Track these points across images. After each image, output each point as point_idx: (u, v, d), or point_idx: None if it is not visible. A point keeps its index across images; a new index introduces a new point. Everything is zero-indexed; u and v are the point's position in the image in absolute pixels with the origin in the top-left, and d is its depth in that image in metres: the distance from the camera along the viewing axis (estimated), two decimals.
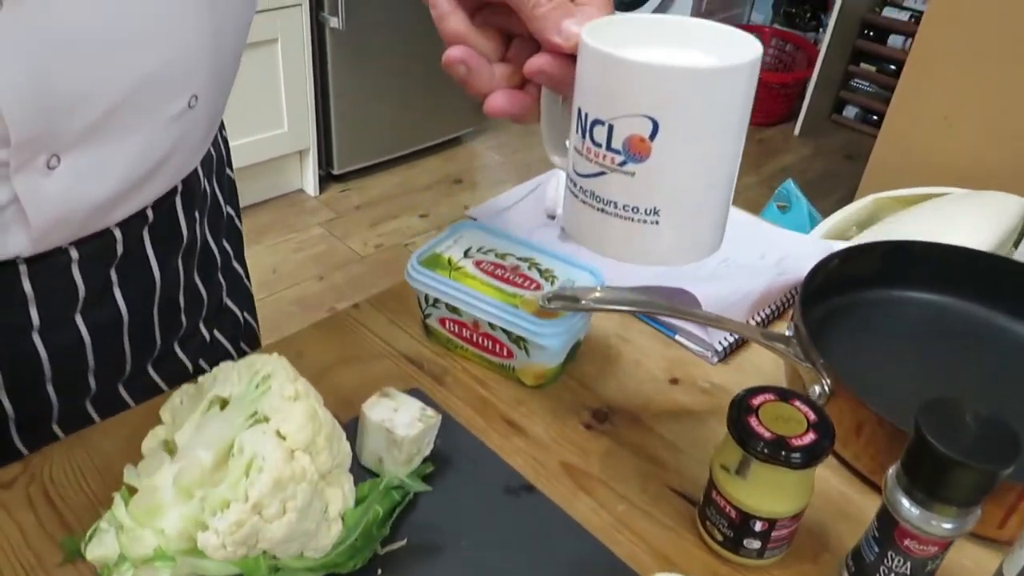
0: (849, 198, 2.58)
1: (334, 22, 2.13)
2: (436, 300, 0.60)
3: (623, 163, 0.39)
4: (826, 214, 1.89)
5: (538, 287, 0.58)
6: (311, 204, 2.38)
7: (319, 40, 2.17)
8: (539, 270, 0.59)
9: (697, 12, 3.13)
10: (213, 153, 0.63)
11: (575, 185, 0.42)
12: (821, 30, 3.13)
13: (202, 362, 0.66)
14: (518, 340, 0.57)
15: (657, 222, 0.40)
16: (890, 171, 1.69)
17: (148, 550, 0.40)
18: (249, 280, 0.76)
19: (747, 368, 0.65)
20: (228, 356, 0.70)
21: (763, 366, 0.65)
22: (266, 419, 0.41)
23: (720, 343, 0.65)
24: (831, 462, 0.57)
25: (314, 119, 2.26)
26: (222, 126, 0.66)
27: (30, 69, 0.38)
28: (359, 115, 2.35)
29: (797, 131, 3.03)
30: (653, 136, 0.37)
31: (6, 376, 0.52)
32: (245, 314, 0.74)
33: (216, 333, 0.69)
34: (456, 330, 0.61)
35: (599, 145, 0.39)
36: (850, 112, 3.09)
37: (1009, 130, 1.51)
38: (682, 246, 0.42)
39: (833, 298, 0.69)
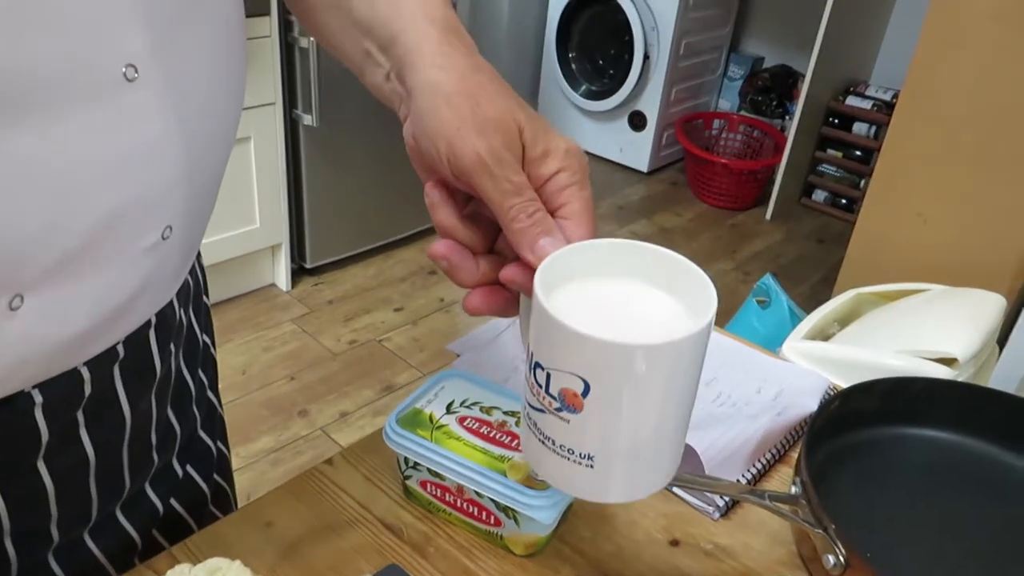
0: (823, 283, 2.60)
1: (308, 119, 2.13)
2: (416, 463, 0.55)
3: (559, 409, 0.39)
4: (803, 300, 1.88)
5: None
6: (283, 299, 2.33)
7: (293, 137, 2.16)
8: None
9: (666, 101, 3.19)
10: (190, 281, 0.59)
11: (525, 409, 0.41)
12: (787, 117, 3.21)
13: (173, 502, 0.61)
14: (506, 509, 0.53)
15: (592, 466, 0.40)
16: (867, 266, 1.69)
17: None
18: (222, 407, 0.71)
19: (752, 523, 0.61)
20: (201, 493, 0.66)
21: (769, 522, 0.61)
22: None
23: (723, 499, 0.61)
24: None
25: (287, 214, 2.23)
26: (198, 254, 0.63)
27: (9, 205, 0.35)
28: (332, 208, 2.33)
29: (768, 215, 3.07)
30: (585, 395, 0.38)
31: None
32: (219, 443, 0.69)
33: (188, 468, 0.64)
34: (439, 494, 0.57)
35: (540, 386, 0.39)
36: (819, 196, 3.15)
37: (981, 227, 1.53)
38: (620, 488, 0.42)
39: (835, 439, 0.65)
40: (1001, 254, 1.49)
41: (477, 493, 0.53)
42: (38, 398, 0.45)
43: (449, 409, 0.57)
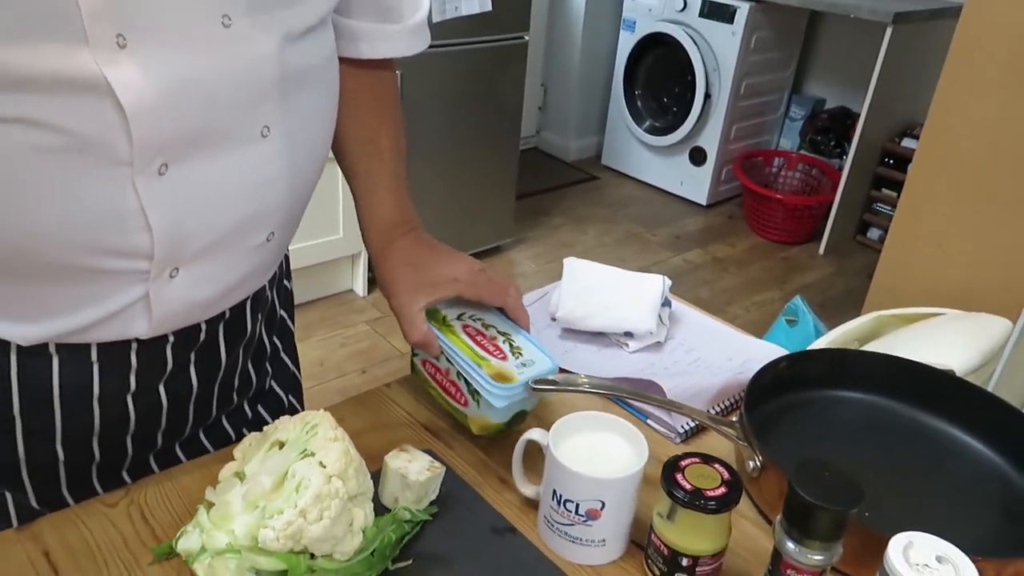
0: None
1: None
2: None
3: (585, 521, 0.62)
4: None
5: (504, 357, 0.72)
6: (359, 303, 2.58)
7: None
8: (511, 345, 0.74)
9: (726, 138, 3.35)
10: (279, 271, 0.81)
11: (551, 526, 0.65)
12: (844, 157, 3.32)
13: (245, 431, 0.80)
14: (474, 392, 0.71)
15: (604, 544, 0.64)
16: (891, 291, 1.82)
17: (221, 545, 0.55)
18: (299, 369, 0.92)
19: (703, 448, 0.78)
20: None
21: (718, 447, 0.78)
22: (312, 454, 0.57)
23: (683, 427, 0.79)
24: (760, 522, 0.69)
25: None
26: (287, 254, 0.85)
27: (175, 213, 0.57)
28: None
29: (821, 250, 3.18)
30: (603, 508, 0.62)
31: (101, 428, 0.68)
32: (290, 397, 0.89)
33: (260, 409, 0.83)
34: (432, 372, 0.76)
35: (570, 512, 0.62)
36: (874, 234, 3.24)
37: (995, 257, 1.64)
38: (613, 552, 0.65)
39: (783, 395, 0.82)
40: (1012, 282, 1.60)
41: (458, 375, 0.72)
42: (171, 338, 0.67)
43: (459, 317, 0.77)
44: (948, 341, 1.52)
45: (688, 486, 0.58)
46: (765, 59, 3.32)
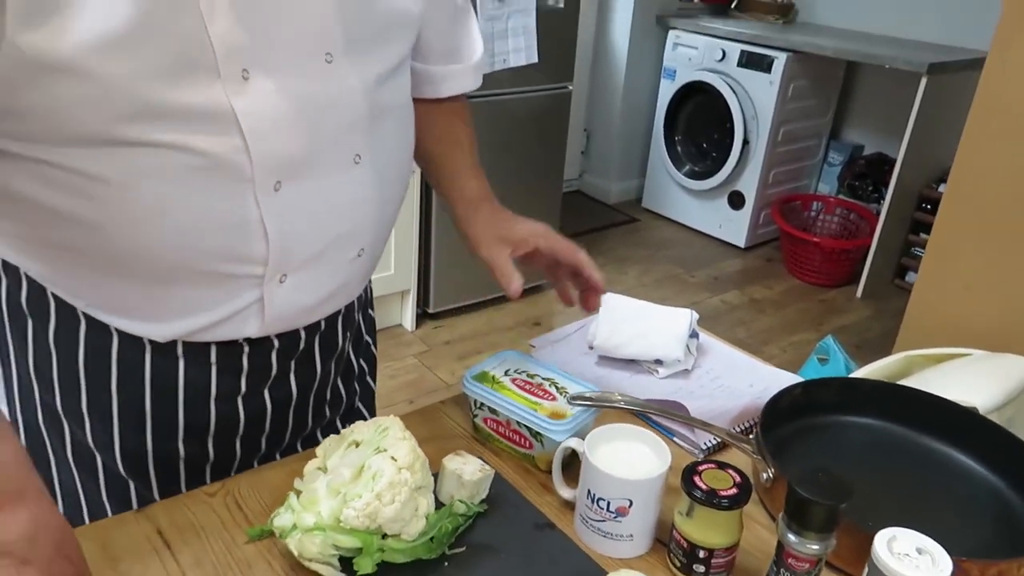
0: None
1: None
2: (482, 404, 0.86)
3: (615, 517, 0.72)
4: None
5: (554, 398, 0.83)
6: (407, 337, 2.71)
7: (426, 201, 2.57)
8: (556, 386, 0.85)
9: (764, 183, 3.44)
10: (365, 296, 0.93)
11: (586, 522, 0.74)
12: (882, 201, 3.37)
13: None
14: (536, 435, 0.82)
15: (632, 539, 0.74)
16: (920, 332, 1.88)
17: (309, 524, 0.66)
18: (374, 393, 1.03)
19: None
20: None
21: (736, 463, 0.87)
22: (385, 450, 0.68)
23: (705, 443, 0.88)
24: (772, 526, 0.78)
25: (416, 265, 2.62)
26: (369, 282, 0.96)
27: (286, 225, 0.68)
28: (454, 263, 2.71)
29: (859, 293, 3.22)
30: (631, 506, 0.71)
31: (216, 428, 0.80)
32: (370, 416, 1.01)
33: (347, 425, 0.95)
34: (494, 427, 0.86)
35: (602, 508, 0.72)
36: (912, 278, 3.27)
37: (1022, 299, 1.70)
38: (640, 547, 0.75)
39: (798, 419, 0.91)
40: None
41: (518, 423, 0.83)
42: (276, 344, 0.79)
43: (506, 373, 0.87)
44: (973, 380, 1.58)
45: (704, 486, 0.67)
46: (803, 106, 3.41)
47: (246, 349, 0.77)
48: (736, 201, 3.52)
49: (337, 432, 0.91)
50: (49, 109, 0.58)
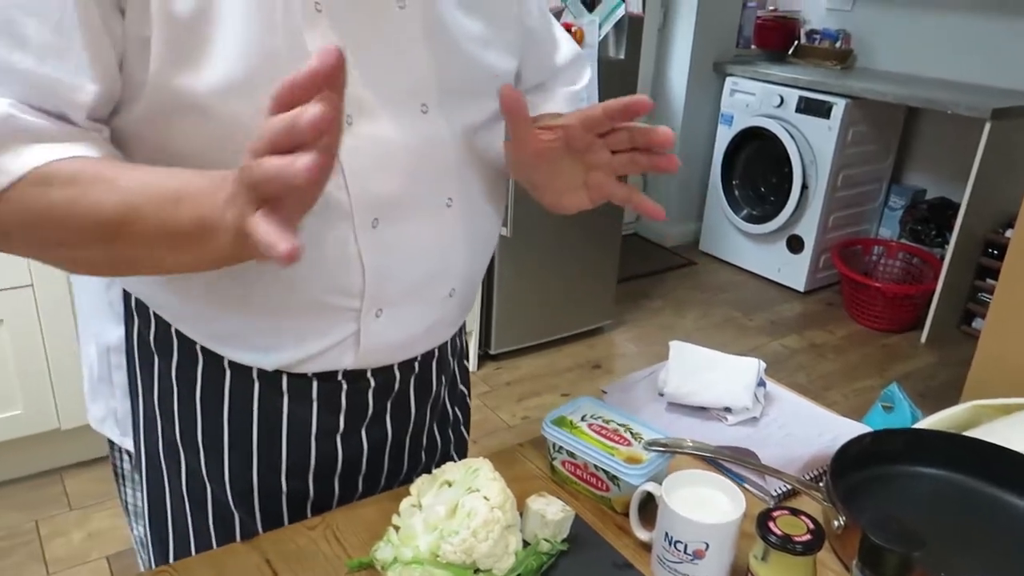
0: None
1: (504, 231, 2.61)
2: (560, 447, 0.91)
3: (692, 559, 0.76)
4: None
5: (629, 444, 0.87)
6: (471, 378, 2.77)
7: None
8: (631, 432, 0.89)
9: (824, 227, 3.44)
10: (459, 344, 0.99)
11: (663, 564, 0.77)
12: (946, 246, 3.34)
13: None
14: (613, 478, 0.86)
15: None
16: (988, 381, 1.86)
17: (408, 558, 0.71)
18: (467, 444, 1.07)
19: None
20: None
21: (806, 511, 0.90)
22: (477, 490, 0.73)
23: (775, 490, 0.91)
24: (843, 573, 0.81)
25: (479, 307, 2.70)
26: (464, 342, 1.02)
27: (382, 260, 0.74)
28: (516, 306, 2.77)
29: (923, 339, 3.18)
30: (707, 549, 0.75)
31: (315, 465, 0.86)
32: None
33: None
34: (572, 470, 0.91)
35: (679, 551, 0.76)
36: (979, 324, 3.21)
37: None
38: None
39: (867, 468, 0.93)
40: None
41: (595, 467, 0.87)
42: (372, 382, 0.85)
43: (583, 419, 0.92)
44: None
45: (779, 531, 0.71)
46: (863, 151, 3.42)
47: (344, 387, 0.83)
48: (795, 245, 3.52)
49: None
50: (182, 147, 0.65)
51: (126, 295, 0.81)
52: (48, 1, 0.59)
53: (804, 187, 3.39)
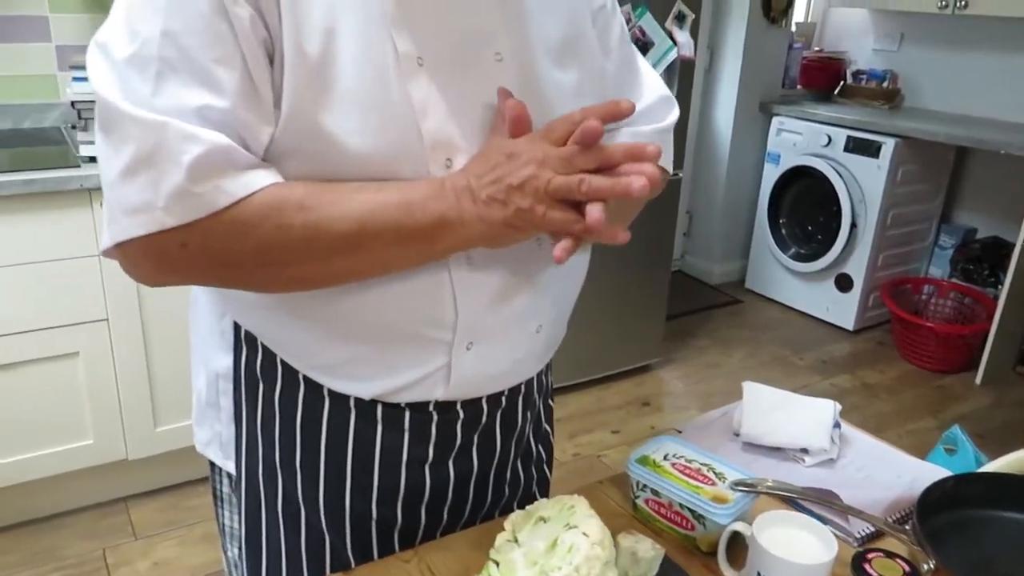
0: None
1: None
2: (644, 485, 0.92)
3: None
4: None
5: (713, 483, 0.89)
6: None
7: None
8: (714, 472, 0.91)
9: (873, 266, 3.42)
10: (545, 382, 1.01)
11: None
12: (999, 286, 3.29)
13: None
14: (699, 517, 0.88)
15: None
16: None
17: None
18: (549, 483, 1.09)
19: None
20: None
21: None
22: (575, 527, 0.75)
23: (859, 532, 0.92)
24: None
25: None
26: (550, 370, 1.05)
27: (474, 295, 0.78)
28: (566, 342, 2.78)
29: (979, 380, 3.13)
30: None
31: (404, 493, 0.89)
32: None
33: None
34: (656, 508, 0.92)
35: None
36: None
37: None
38: None
39: (949, 511, 0.94)
40: None
41: (680, 505, 0.89)
42: (461, 414, 0.88)
43: (665, 457, 0.94)
44: None
45: (876, 574, 0.72)
46: (912, 190, 3.41)
47: (435, 418, 0.86)
48: (844, 284, 3.50)
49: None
50: (306, 178, 0.71)
51: (236, 326, 0.86)
52: (232, 51, 0.67)
53: (853, 225, 3.38)
